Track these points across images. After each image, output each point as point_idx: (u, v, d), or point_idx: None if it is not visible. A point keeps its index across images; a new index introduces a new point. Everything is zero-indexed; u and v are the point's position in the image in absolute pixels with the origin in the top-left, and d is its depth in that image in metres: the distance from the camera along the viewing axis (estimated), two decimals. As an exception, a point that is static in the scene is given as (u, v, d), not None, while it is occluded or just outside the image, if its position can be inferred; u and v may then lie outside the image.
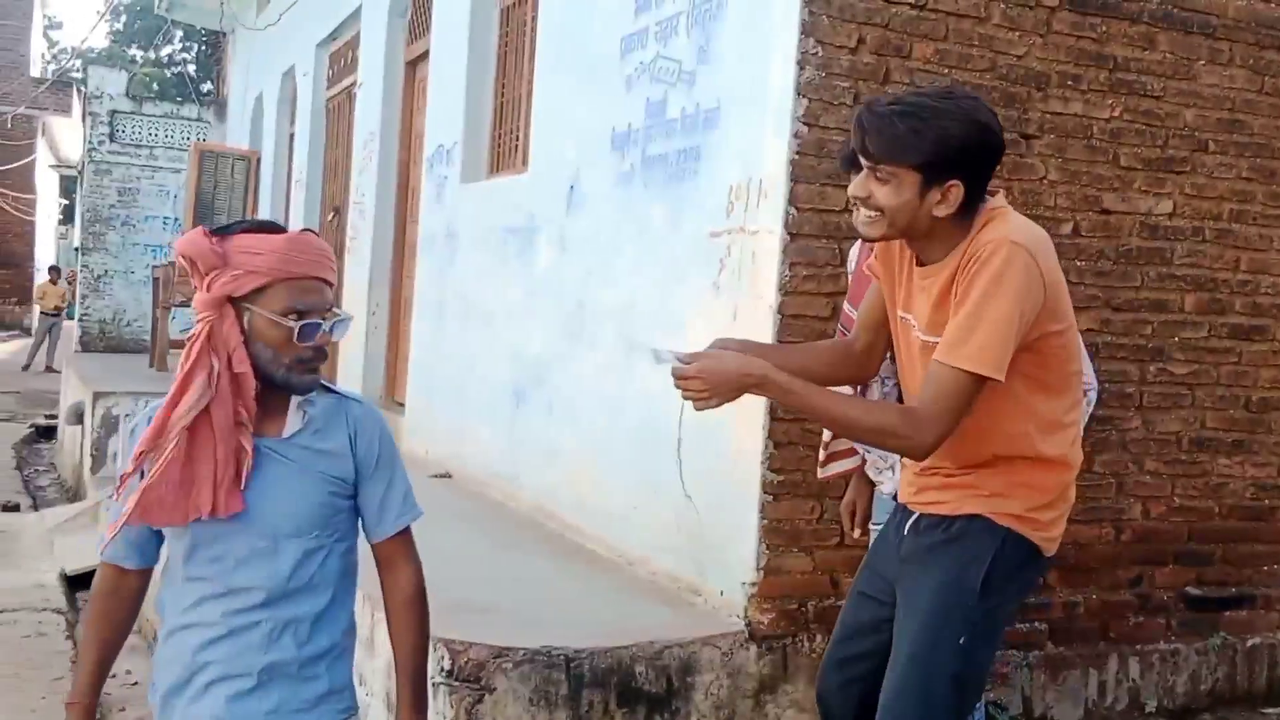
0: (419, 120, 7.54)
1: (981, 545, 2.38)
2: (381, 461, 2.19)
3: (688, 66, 4.17)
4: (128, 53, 31.90)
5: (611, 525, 4.45)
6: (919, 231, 2.34)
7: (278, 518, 2.08)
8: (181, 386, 2.01)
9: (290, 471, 2.09)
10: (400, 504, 2.20)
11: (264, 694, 2.10)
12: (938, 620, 2.36)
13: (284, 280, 2.03)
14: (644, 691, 3.42)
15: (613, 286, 4.63)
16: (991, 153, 2.31)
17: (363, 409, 2.21)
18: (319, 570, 2.13)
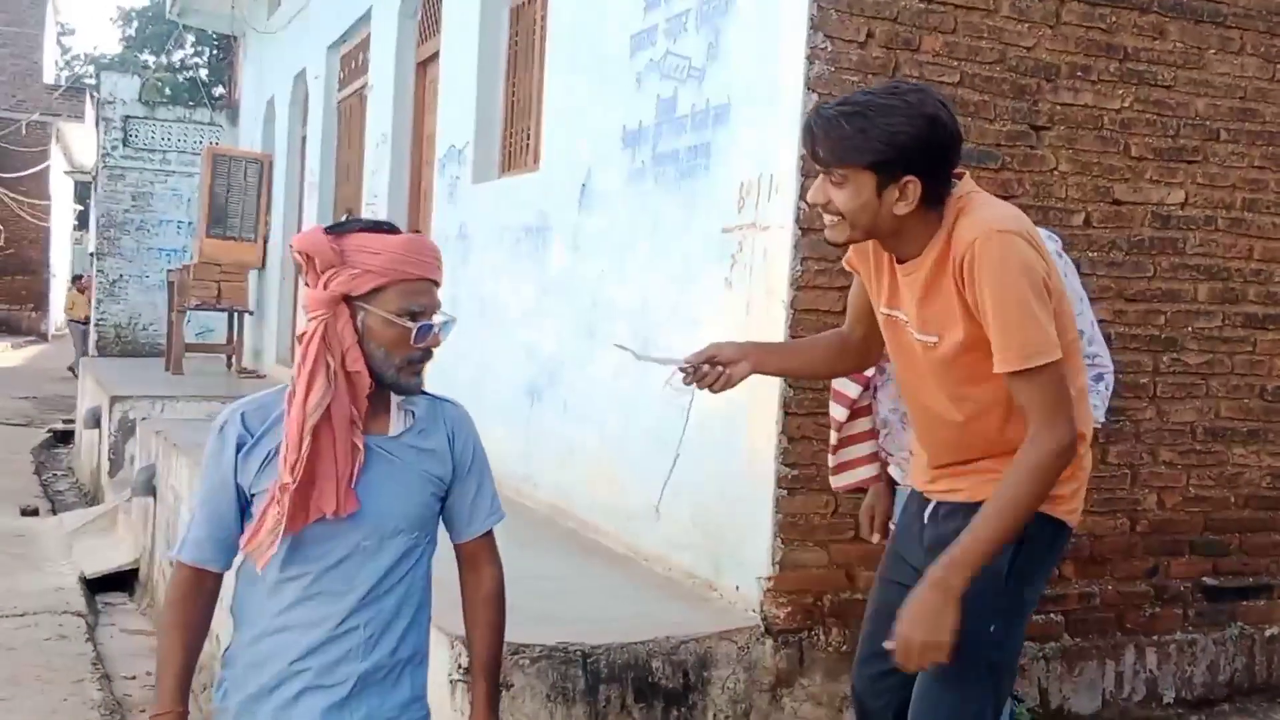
0: (430, 121, 7.56)
1: None
2: (475, 462, 2.22)
3: (697, 63, 4.18)
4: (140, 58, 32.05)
5: (627, 523, 4.46)
6: (884, 231, 2.32)
7: (385, 516, 2.08)
8: (306, 386, 2.01)
9: (397, 469, 2.10)
10: (490, 505, 2.24)
11: (356, 704, 2.09)
12: (969, 610, 2.32)
13: (400, 281, 2.03)
14: (661, 686, 3.44)
15: (626, 284, 4.65)
16: (943, 145, 2.27)
17: (457, 410, 2.24)
18: (412, 571, 2.14)
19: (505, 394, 5.71)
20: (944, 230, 2.29)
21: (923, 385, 2.44)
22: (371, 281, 2.01)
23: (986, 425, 2.37)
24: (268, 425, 2.07)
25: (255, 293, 12.43)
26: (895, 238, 2.34)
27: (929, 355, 2.37)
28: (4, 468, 11.94)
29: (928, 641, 2.21)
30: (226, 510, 2.09)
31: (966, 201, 2.31)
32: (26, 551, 8.24)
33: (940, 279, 2.30)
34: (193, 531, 2.11)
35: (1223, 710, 4.20)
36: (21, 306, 31.03)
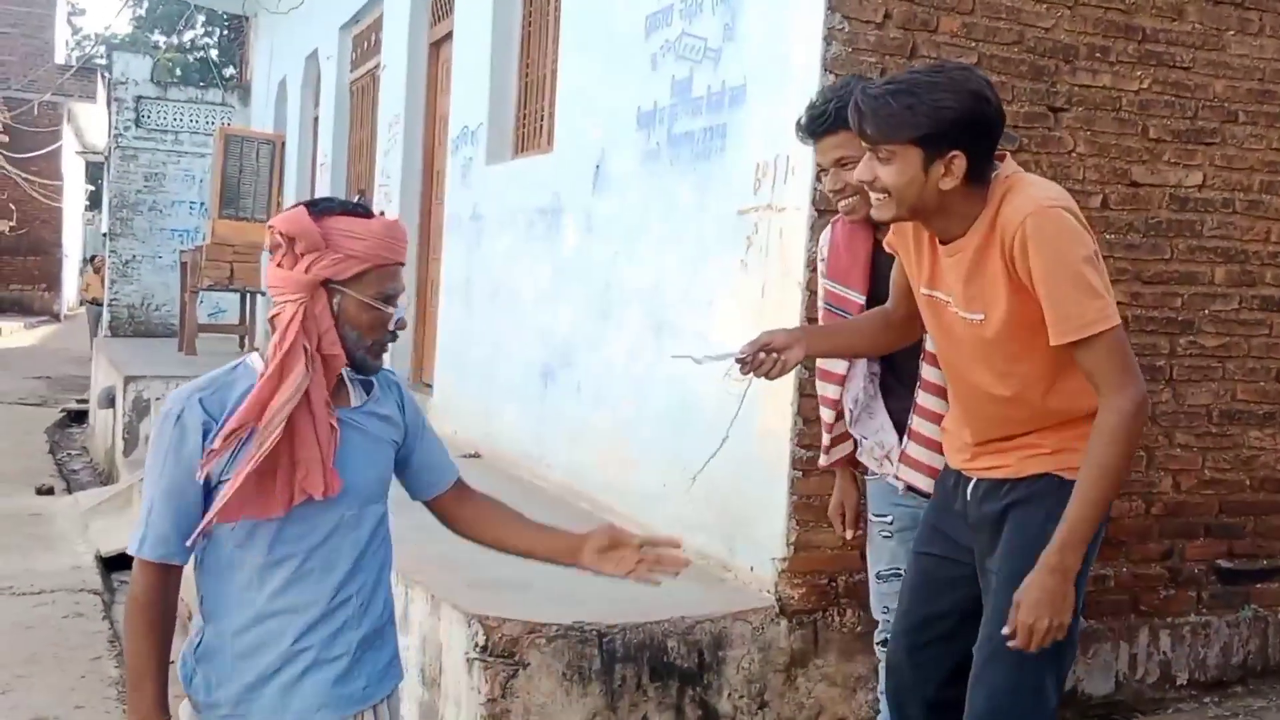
0: (443, 101, 7.56)
1: (1054, 504, 2.39)
2: (424, 422, 2.29)
3: (713, 44, 4.17)
4: (150, 38, 32.03)
5: (641, 504, 4.48)
6: (929, 208, 2.35)
7: (363, 485, 2.11)
8: (281, 371, 1.99)
9: (367, 439, 2.13)
10: (448, 462, 2.34)
11: (358, 672, 2.12)
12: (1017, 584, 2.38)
13: (379, 266, 2.04)
14: (676, 666, 3.46)
15: (640, 266, 4.65)
16: (988, 121, 2.32)
17: (395, 376, 2.29)
18: (384, 535, 2.18)
19: (518, 375, 5.72)
20: (990, 209, 2.33)
21: (967, 363, 2.46)
22: (354, 267, 2.01)
23: (1030, 399, 2.41)
24: (229, 409, 2.03)
25: (267, 273, 12.45)
26: (940, 215, 2.37)
27: (974, 333, 2.39)
28: (19, 447, 12.01)
29: (1051, 624, 2.28)
30: (192, 502, 2.03)
31: (1013, 181, 2.35)
32: (42, 530, 8.30)
33: (986, 257, 2.33)
34: (154, 528, 2.02)
35: (1236, 692, 4.21)
36: (34, 287, 31.13)
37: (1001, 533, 2.47)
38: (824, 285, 3.00)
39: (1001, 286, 2.33)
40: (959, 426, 2.58)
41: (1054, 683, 2.46)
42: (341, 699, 2.09)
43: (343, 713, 2.10)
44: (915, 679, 2.64)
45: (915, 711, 2.66)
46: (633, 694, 3.40)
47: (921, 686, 2.63)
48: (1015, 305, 2.32)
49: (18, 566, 7.16)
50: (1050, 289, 2.26)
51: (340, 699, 2.09)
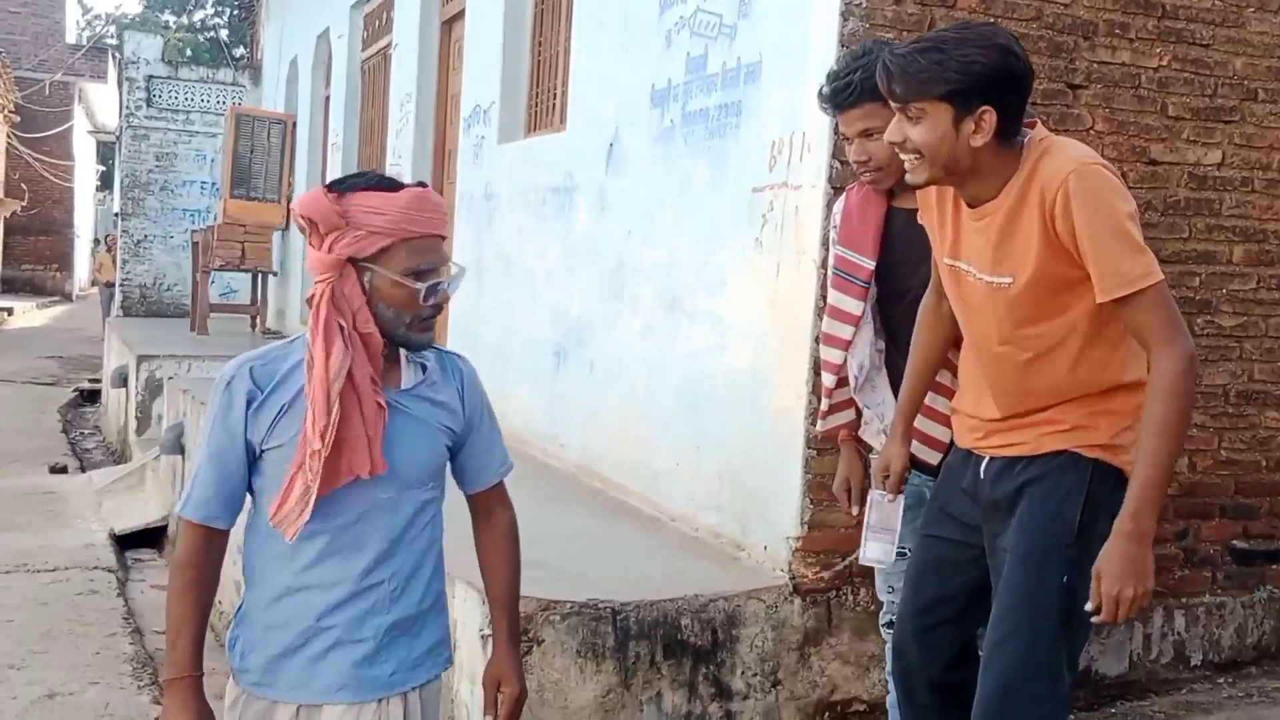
0: (455, 80, 7.53)
1: (1072, 481, 2.38)
2: (486, 415, 2.23)
3: (728, 20, 4.14)
4: (161, 18, 31.99)
5: (654, 482, 4.48)
6: (962, 167, 2.32)
7: (405, 469, 2.08)
8: (325, 351, 1.99)
9: (412, 422, 2.10)
10: (501, 456, 2.28)
11: (386, 656, 2.11)
12: (1038, 561, 2.38)
13: (406, 240, 2.00)
14: (689, 644, 3.46)
15: (654, 244, 4.63)
16: (1017, 76, 2.30)
17: (465, 364, 2.24)
18: (431, 522, 2.16)
19: (531, 355, 5.71)
20: (1024, 171, 2.31)
21: (989, 331, 2.45)
22: (378, 243, 1.99)
23: (1055, 368, 2.38)
24: (276, 380, 2.05)
25: (278, 253, 12.46)
26: (973, 176, 2.35)
27: (998, 298, 2.37)
28: (33, 426, 12.06)
29: (1137, 592, 2.26)
30: (235, 467, 2.06)
31: (1048, 143, 2.33)
32: (57, 508, 8.34)
33: (1020, 219, 2.31)
34: (199, 489, 2.06)
35: (1250, 673, 4.20)
36: (46, 267, 31.22)
37: (1015, 511, 2.45)
38: (835, 252, 2.97)
39: (1034, 248, 2.30)
40: (975, 403, 2.56)
41: (1067, 662, 2.45)
42: (364, 682, 2.09)
43: (364, 696, 2.09)
44: (922, 661, 2.63)
45: (922, 693, 2.65)
46: (646, 671, 3.40)
47: (928, 668, 2.62)
48: (1046, 266, 2.30)
49: (33, 544, 7.19)
50: (1096, 246, 2.24)
51: (362, 681, 2.09)
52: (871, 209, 2.88)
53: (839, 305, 2.93)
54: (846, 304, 2.92)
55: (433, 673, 2.19)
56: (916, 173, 2.36)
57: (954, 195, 2.44)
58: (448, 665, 2.25)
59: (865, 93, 2.66)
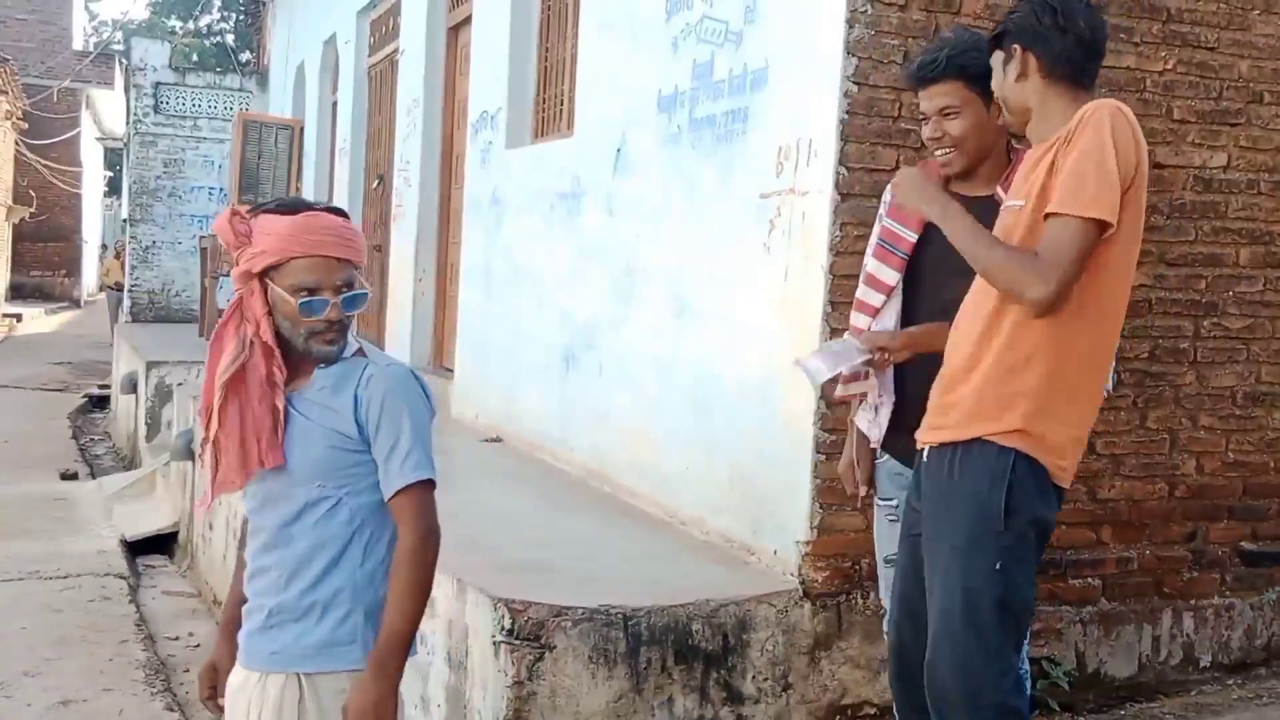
0: (462, 86, 7.56)
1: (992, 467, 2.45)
2: (385, 423, 2.27)
3: (735, 27, 4.16)
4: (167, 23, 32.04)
5: (664, 486, 4.49)
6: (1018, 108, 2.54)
7: (294, 466, 2.27)
8: (216, 350, 2.27)
9: (305, 424, 2.28)
10: (400, 465, 2.26)
11: (274, 634, 2.29)
12: (969, 547, 2.45)
13: (295, 258, 2.22)
14: (700, 649, 3.48)
15: (662, 249, 4.65)
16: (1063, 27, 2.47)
17: (376, 371, 2.31)
18: (324, 520, 2.28)
19: (540, 358, 5.74)
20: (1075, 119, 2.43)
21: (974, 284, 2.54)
22: (266, 260, 2.22)
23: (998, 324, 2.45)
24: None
25: (287, 259, 12.48)
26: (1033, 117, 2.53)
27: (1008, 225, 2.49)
28: (42, 432, 12.11)
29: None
30: None
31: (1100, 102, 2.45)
32: (67, 515, 8.39)
33: (1050, 148, 2.43)
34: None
35: (1259, 674, 4.21)
36: (54, 273, 31.30)
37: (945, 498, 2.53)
38: (881, 225, 3.01)
39: (1042, 175, 2.42)
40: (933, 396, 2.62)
41: (1012, 650, 2.49)
42: (251, 651, 2.32)
43: (247, 663, 2.33)
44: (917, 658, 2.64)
45: (916, 692, 2.65)
46: (658, 676, 3.42)
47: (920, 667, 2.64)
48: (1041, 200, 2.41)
49: (44, 551, 7.24)
50: (1073, 163, 2.35)
51: (250, 651, 2.32)
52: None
53: (875, 274, 2.98)
54: (883, 273, 2.96)
55: (324, 668, 2.27)
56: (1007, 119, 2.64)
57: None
58: (351, 667, 2.26)
59: (949, 70, 2.80)
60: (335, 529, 2.27)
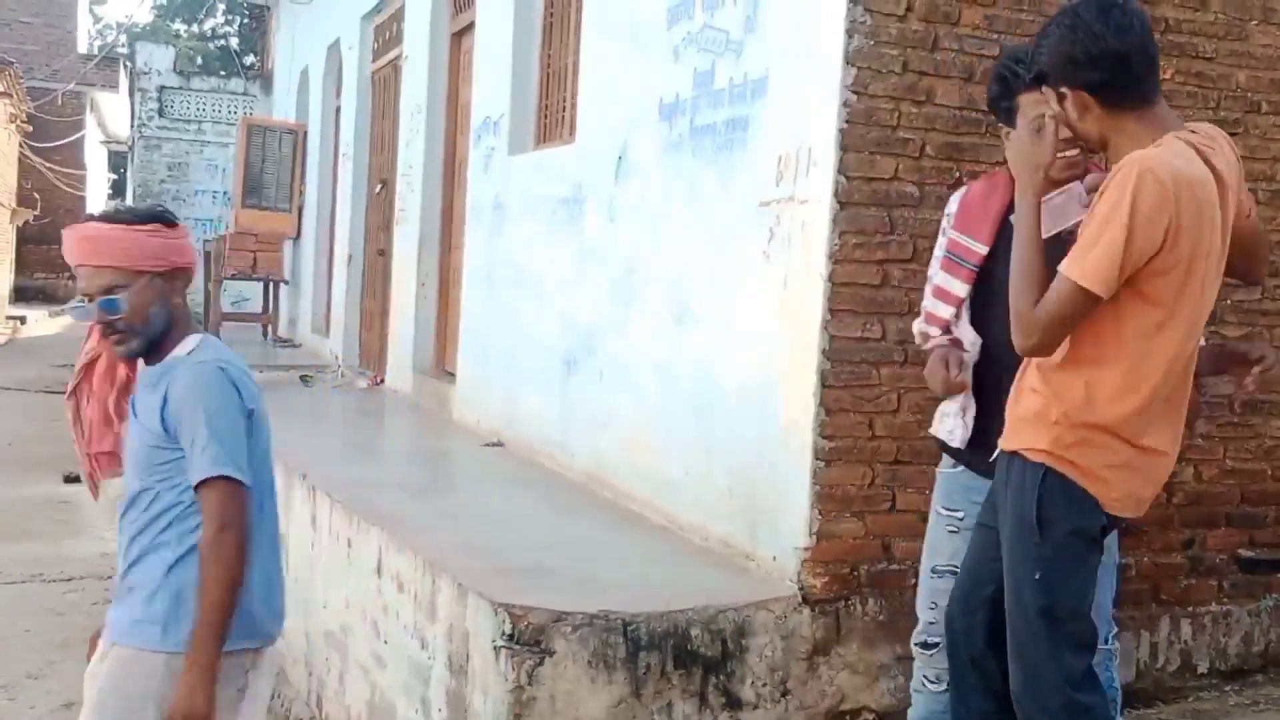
0: (465, 91, 7.59)
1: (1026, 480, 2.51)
2: (185, 419, 2.46)
3: (735, 36, 4.19)
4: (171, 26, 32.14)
5: (664, 491, 4.52)
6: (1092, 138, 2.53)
7: (126, 459, 2.58)
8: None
9: (133, 420, 2.56)
10: (199, 460, 2.44)
11: (116, 605, 2.59)
12: (1010, 560, 2.53)
13: (76, 268, 2.53)
14: (699, 654, 3.50)
15: (662, 255, 4.68)
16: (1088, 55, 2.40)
17: (184, 368, 2.50)
18: (147, 509, 2.52)
19: (541, 362, 5.76)
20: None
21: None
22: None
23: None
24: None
25: (290, 262, 12.53)
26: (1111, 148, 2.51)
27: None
28: (45, 435, 12.12)
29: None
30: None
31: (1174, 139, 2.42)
32: (70, 518, 8.40)
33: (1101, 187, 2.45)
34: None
35: (1257, 681, 4.23)
36: (59, 275, 31.27)
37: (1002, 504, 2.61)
38: (948, 237, 3.03)
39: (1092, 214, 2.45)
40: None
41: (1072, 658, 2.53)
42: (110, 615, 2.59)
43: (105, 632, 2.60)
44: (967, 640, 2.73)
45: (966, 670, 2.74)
46: (657, 681, 3.44)
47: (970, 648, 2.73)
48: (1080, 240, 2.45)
49: (48, 553, 7.26)
50: (1094, 223, 2.37)
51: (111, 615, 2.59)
52: (995, 199, 2.95)
53: (944, 286, 3.02)
54: (952, 285, 2.99)
55: (129, 643, 2.49)
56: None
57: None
58: (150, 647, 2.47)
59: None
60: (153, 517, 2.51)
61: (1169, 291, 2.41)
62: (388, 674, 4.19)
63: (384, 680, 4.22)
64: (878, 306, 3.65)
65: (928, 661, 3.06)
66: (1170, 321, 2.43)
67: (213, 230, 13.94)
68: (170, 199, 14.59)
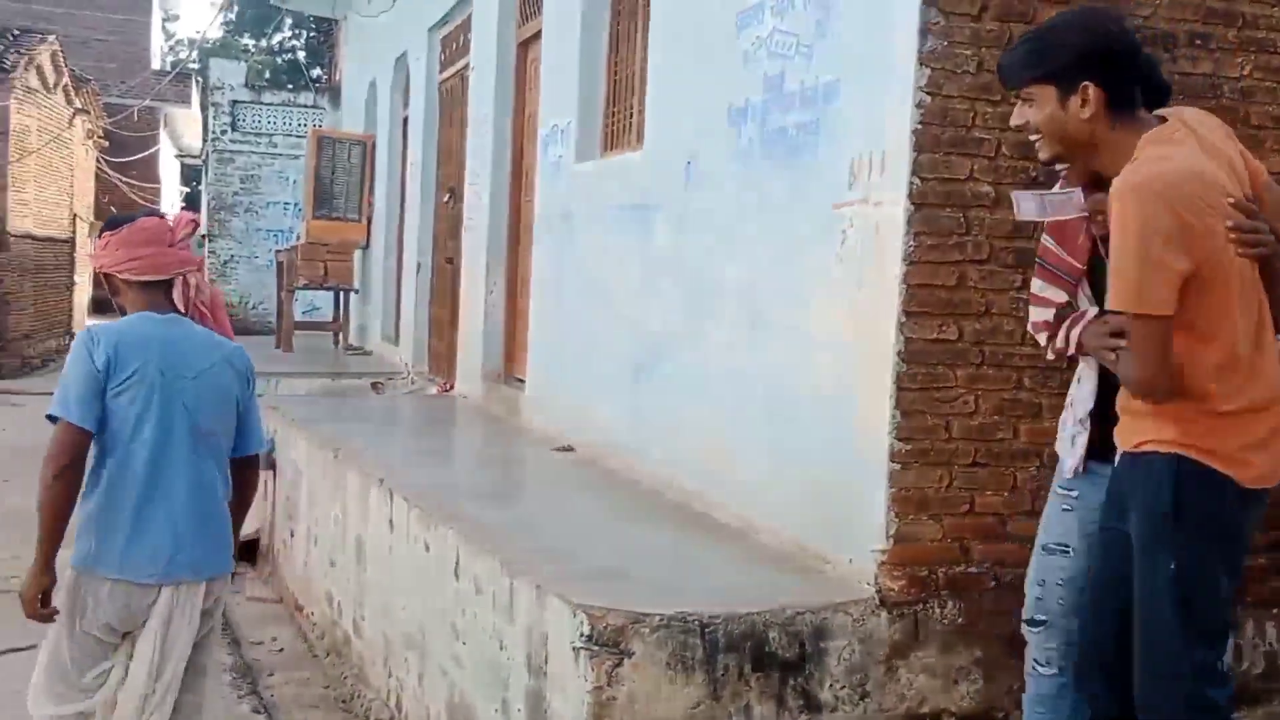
0: (532, 100, 7.67)
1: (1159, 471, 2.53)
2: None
3: (805, 40, 4.20)
4: (240, 42, 32.78)
5: (738, 496, 4.53)
6: (1081, 143, 2.57)
7: None
8: None
9: None
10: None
11: None
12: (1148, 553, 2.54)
13: None
14: (777, 657, 3.51)
15: (733, 262, 4.69)
16: (1114, 50, 2.52)
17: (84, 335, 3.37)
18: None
19: (611, 370, 5.80)
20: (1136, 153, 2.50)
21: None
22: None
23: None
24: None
25: (360, 271, 12.72)
26: (1095, 152, 2.57)
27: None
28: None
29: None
30: None
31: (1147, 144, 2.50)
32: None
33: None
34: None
35: (1346, 686, 4.14)
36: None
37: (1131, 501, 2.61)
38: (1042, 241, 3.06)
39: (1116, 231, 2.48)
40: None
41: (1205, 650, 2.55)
42: None
43: None
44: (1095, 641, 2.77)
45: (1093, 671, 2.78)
46: (735, 684, 3.46)
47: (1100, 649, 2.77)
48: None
49: (132, 558, 7.41)
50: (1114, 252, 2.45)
51: None
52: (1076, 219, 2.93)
53: (1039, 293, 3.03)
54: (1048, 292, 3.00)
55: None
56: (1042, 150, 2.65)
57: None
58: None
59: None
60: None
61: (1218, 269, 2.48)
62: (467, 675, 4.25)
63: (463, 681, 4.28)
64: (953, 308, 3.64)
65: (1036, 641, 3.09)
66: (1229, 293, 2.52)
67: (284, 241, 14.19)
68: (243, 211, 14.90)
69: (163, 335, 3.32)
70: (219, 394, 3.37)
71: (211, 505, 3.34)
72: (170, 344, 3.31)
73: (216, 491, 3.36)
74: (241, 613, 6.70)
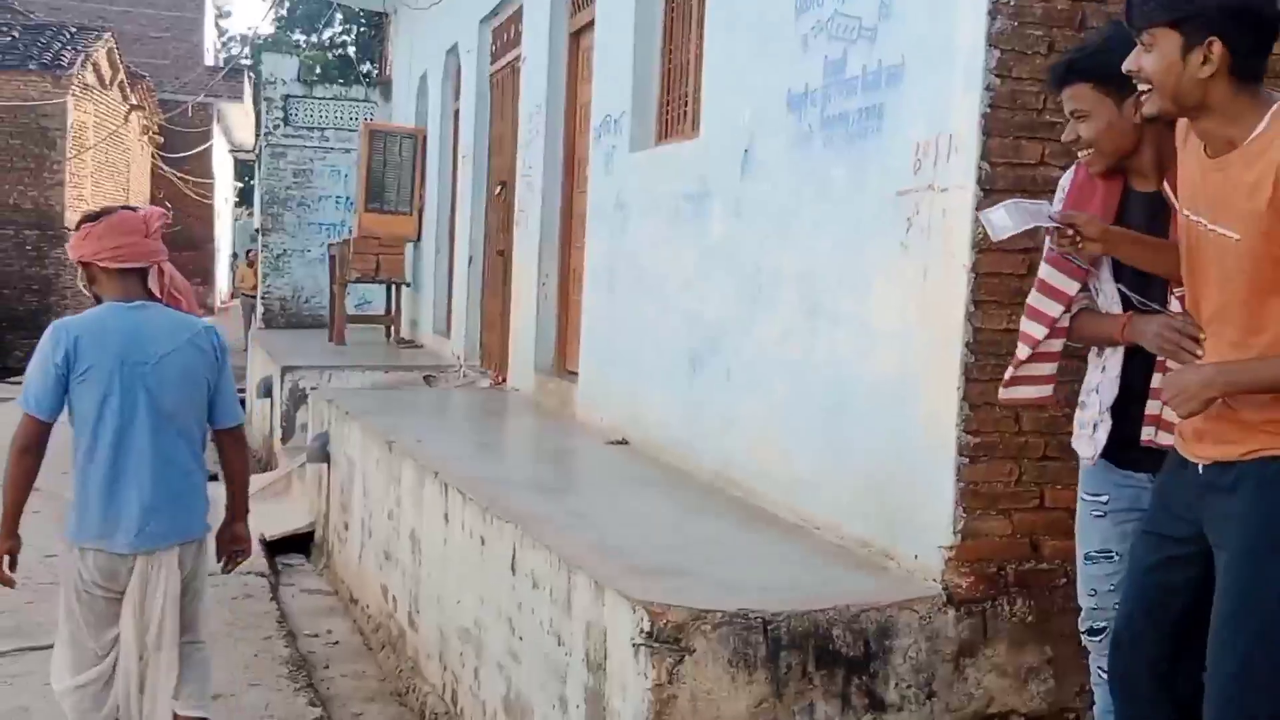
0: (585, 91, 7.61)
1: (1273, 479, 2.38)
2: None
3: (868, 23, 4.09)
4: (292, 37, 33.03)
5: (797, 491, 4.45)
6: (1190, 100, 2.37)
7: None
8: None
9: None
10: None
11: None
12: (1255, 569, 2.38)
13: None
14: (842, 654, 3.42)
15: (792, 250, 4.60)
16: (1250, 10, 2.31)
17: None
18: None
19: (665, 362, 5.73)
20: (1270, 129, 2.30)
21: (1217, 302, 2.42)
22: None
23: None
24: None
25: (411, 264, 12.74)
26: (1205, 114, 2.38)
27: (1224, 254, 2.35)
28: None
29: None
30: None
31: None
32: (209, 516, 8.64)
33: (1253, 171, 2.30)
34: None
35: None
36: (189, 280, 32.38)
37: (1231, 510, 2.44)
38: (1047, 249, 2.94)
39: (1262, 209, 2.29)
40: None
41: None
42: None
43: None
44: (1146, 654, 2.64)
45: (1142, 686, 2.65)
46: (799, 682, 3.38)
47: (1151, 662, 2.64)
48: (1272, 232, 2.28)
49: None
50: None
51: None
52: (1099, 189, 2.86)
53: (1049, 280, 2.91)
54: (1058, 280, 2.89)
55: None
56: (1149, 105, 2.44)
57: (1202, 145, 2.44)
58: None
59: (1073, 74, 2.79)
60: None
61: None
62: (524, 670, 4.20)
63: (520, 677, 4.24)
64: (1023, 296, 3.51)
65: (1098, 649, 3.00)
66: None
67: (336, 234, 14.25)
68: (296, 205, 14.95)
69: (126, 325, 3.58)
70: (184, 375, 3.65)
71: (178, 480, 3.65)
72: (132, 332, 3.58)
73: (184, 466, 3.67)
74: (296, 604, 6.72)
